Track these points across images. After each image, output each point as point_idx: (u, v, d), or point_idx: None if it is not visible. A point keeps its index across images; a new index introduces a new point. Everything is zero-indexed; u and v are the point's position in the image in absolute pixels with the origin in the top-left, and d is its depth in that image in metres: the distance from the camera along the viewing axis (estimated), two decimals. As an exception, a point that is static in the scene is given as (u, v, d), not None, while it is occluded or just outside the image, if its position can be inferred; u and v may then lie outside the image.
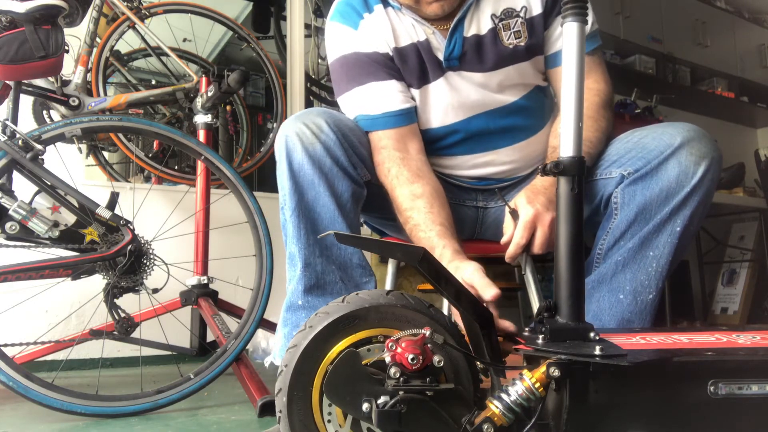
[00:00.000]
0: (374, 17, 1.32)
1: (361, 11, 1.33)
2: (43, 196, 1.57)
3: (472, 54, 1.29)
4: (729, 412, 0.73)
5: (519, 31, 1.28)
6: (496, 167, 1.39)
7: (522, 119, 1.36)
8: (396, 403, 0.71)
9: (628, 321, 1.15)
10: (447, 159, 1.40)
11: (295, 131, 1.20)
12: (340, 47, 1.34)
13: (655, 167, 1.15)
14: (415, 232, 1.18)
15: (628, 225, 1.16)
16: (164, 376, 1.72)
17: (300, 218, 1.18)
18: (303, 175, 1.18)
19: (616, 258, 1.17)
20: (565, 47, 0.83)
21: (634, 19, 3.93)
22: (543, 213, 1.13)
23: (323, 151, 1.18)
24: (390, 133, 1.28)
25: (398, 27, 1.31)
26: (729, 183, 4.01)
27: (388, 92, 1.30)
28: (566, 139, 0.82)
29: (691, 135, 1.15)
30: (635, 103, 3.73)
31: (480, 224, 1.46)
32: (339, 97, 1.36)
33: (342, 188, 1.20)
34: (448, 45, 1.29)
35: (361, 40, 1.32)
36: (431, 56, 1.31)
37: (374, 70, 1.30)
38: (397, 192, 1.23)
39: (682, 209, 1.13)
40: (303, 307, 1.21)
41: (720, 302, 4.07)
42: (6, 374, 1.36)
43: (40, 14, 1.63)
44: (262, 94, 3.29)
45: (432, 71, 1.32)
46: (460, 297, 0.77)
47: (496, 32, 1.28)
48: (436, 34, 1.30)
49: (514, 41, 1.29)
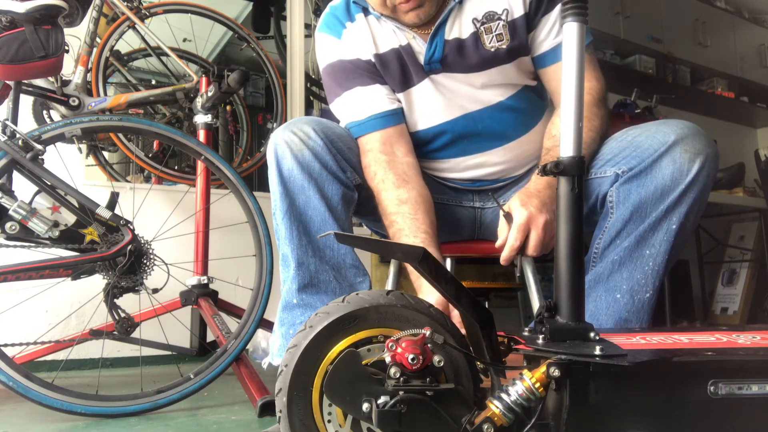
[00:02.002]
0: (356, 26, 1.34)
1: (344, 21, 1.36)
2: (43, 196, 1.57)
3: (453, 57, 1.30)
4: (729, 412, 0.73)
5: (501, 33, 1.28)
6: (488, 168, 1.39)
7: (511, 119, 1.36)
8: (396, 403, 0.71)
9: (625, 320, 1.15)
10: (439, 162, 1.41)
11: (284, 139, 1.23)
12: (326, 56, 1.38)
13: (649, 165, 1.15)
14: (399, 236, 1.19)
15: (624, 224, 1.16)
16: (164, 376, 1.72)
17: (291, 221, 1.21)
18: (293, 180, 1.21)
19: (613, 257, 1.17)
20: (565, 47, 0.83)
21: (634, 19, 3.93)
22: (536, 215, 1.13)
23: (311, 156, 1.21)
24: (376, 135, 1.30)
25: (378, 34, 1.33)
26: (729, 183, 4.01)
27: (372, 95, 1.33)
28: (566, 139, 0.82)
29: (685, 132, 1.15)
30: (635, 103, 3.72)
31: (478, 225, 1.46)
32: (331, 105, 1.39)
33: (332, 191, 1.23)
34: (429, 49, 1.30)
35: (344, 49, 1.35)
36: (413, 60, 1.32)
37: (358, 75, 1.34)
38: (383, 196, 1.25)
39: (678, 207, 1.13)
40: (298, 305, 1.22)
41: (720, 302, 4.07)
42: (6, 374, 1.36)
43: (40, 14, 1.62)
44: (262, 94, 3.29)
45: (415, 75, 1.33)
46: (460, 297, 0.77)
47: (477, 36, 1.29)
48: (417, 38, 1.31)
49: (496, 44, 1.29)
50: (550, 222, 1.13)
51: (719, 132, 4.41)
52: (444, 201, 1.42)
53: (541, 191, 1.17)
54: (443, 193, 1.42)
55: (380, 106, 1.32)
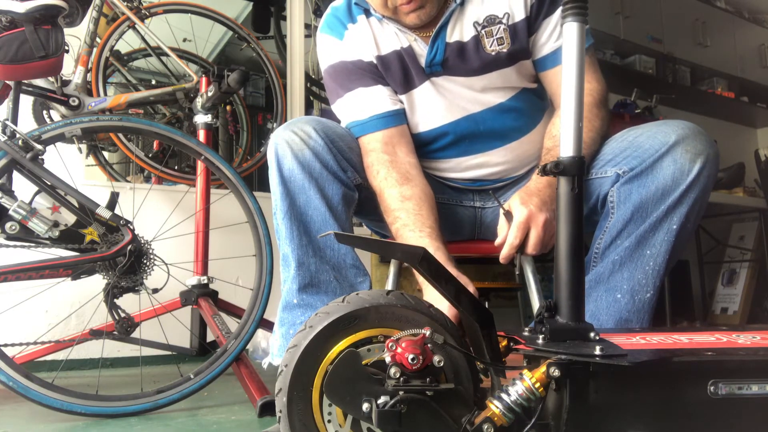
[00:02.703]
0: (357, 27, 1.34)
1: (346, 22, 1.36)
2: (43, 196, 1.57)
3: (454, 59, 1.30)
4: (729, 412, 0.73)
5: (502, 37, 1.28)
6: (489, 168, 1.39)
7: (512, 120, 1.36)
8: (396, 403, 0.71)
9: (626, 320, 1.15)
10: (440, 162, 1.41)
11: (285, 139, 1.23)
12: (328, 57, 1.38)
13: (650, 165, 1.15)
14: (403, 231, 1.19)
15: (625, 224, 1.16)
16: (164, 376, 1.72)
17: (292, 221, 1.21)
18: (293, 180, 1.21)
19: (613, 257, 1.17)
20: (565, 47, 0.83)
21: (634, 19, 3.93)
22: (536, 214, 1.13)
23: (312, 156, 1.21)
24: (378, 135, 1.30)
25: (380, 35, 1.33)
26: (729, 183, 4.01)
27: (374, 96, 1.33)
28: (566, 139, 0.82)
29: (686, 132, 1.15)
30: (635, 103, 3.73)
31: (479, 224, 1.46)
32: (333, 106, 1.39)
33: (332, 191, 1.23)
34: (430, 51, 1.30)
35: (347, 50, 1.35)
36: (414, 62, 1.32)
37: (360, 76, 1.34)
38: (386, 194, 1.25)
39: (679, 207, 1.13)
40: (298, 305, 1.22)
41: (720, 302, 4.07)
42: (6, 374, 1.36)
43: (40, 14, 1.62)
44: (262, 94, 3.29)
45: (416, 77, 1.33)
46: (461, 297, 0.77)
47: (478, 39, 1.29)
48: (418, 41, 1.31)
49: (497, 48, 1.29)
50: (550, 221, 1.13)
51: (719, 132, 4.41)
52: (444, 200, 1.42)
53: (541, 190, 1.17)
54: (444, 192, 1.42)
55: (382, 106, 1.32)
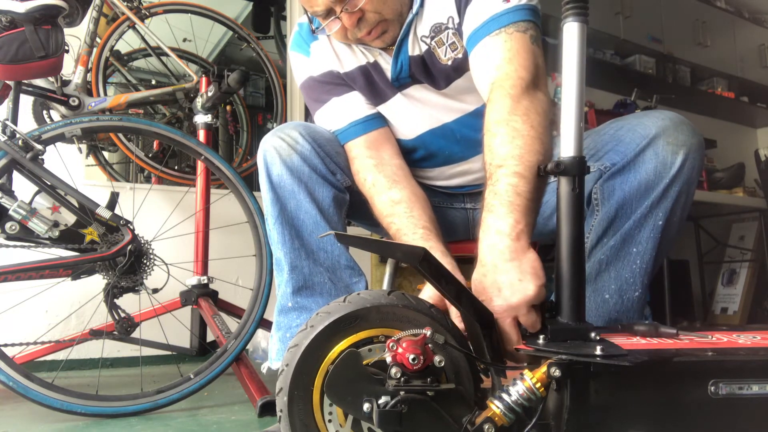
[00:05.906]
0: (319, 45, 1.34)
1: (308, 40, 1.36)
2: (43, 196, 1.57)
3: (420, 72, 1.28)
4: (729, 412, 0.73)
5: (453, 42, 1.24)
6: (473, 175, 1.38)
7: None
8: (397, 403, 0.71)
9: (615, 321, 1.13)
10: (424, 171, 1.40)
11: (273, 145, 1.23)
12: (300, 74, 1.38)
13: (631, 160, 1.11)
14: (398, 237, 1.17)
15: (610, 222, 1.13)
16: (164, 376, 1.72)
17: (283, 226, 1.21)
18: (283, 185, 1.21)
19: (600, 257, 1.14)
20: (565, 47, 0.82)
21: (634, 19, 3.93)
22: (500, 314, 0.84)
23: (300, 160, 1.21)
24: (360, 141, 1.29)
25: (342, 53, 1.32)
26: (729, 183, 4.01)
27: (349, 104, 1.32)
28: (566, 139, 0.82)
29: (666, 124, 1.11)
30: (635, 103, 3.73)
31: (472, 225, 1.45)
32: (315, 120, 1.39)
33: (322, 194, 1.22)
34: (394, 66, 1.28)
35: (314, 65, 1.35)
36: (382, 77, 1.31)
37: (332, 88, 1.33)
38: (376, 200, 1.23)
39: (663, 202, 1.09)
40: (293, 308, 1.21)
41: (720, 302, 4.07)
42: (6, 374, 1.36)
43: (40, 14, 1.62)
44: (262, 94, 3.29)
45: (387, 90, 1.32)
46: (461, 297, 0.77)
47: (431, 52, 1.26)
48: (383, 55, 1.29)
49: (452, 54, 1.25)
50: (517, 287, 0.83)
51: (719, 132, 4.42)
52: (435, 204, 1.40)
53: (492, 246, 0.88)
54: (434, 196, 1.41)
55: (359, 112, 1.31)
